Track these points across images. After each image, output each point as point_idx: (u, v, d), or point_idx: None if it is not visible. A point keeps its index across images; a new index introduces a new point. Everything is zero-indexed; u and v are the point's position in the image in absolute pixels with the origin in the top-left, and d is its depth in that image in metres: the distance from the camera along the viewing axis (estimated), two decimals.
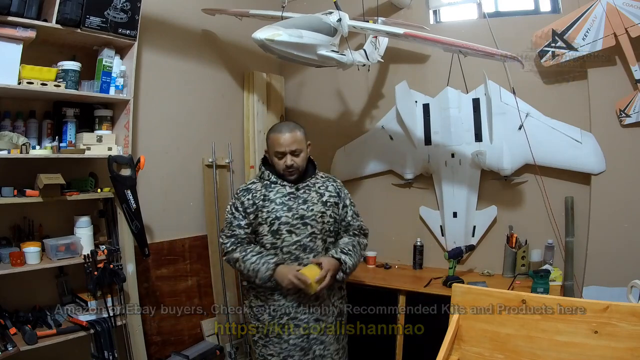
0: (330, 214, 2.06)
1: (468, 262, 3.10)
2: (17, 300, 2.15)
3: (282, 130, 2.01)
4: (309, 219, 1.99)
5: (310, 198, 2.03)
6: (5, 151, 1.95)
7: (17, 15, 1.93)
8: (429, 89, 3.11)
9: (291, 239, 1.98)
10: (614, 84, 2.62)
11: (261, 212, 1.99)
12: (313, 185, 2.08)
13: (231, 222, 2.03)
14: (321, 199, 2.05)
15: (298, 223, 1.98)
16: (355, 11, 2.79)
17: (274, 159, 2.02)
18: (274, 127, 2.07)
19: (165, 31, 2.80)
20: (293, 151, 1.99)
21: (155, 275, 2.76)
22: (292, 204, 2.00)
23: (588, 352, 1.21)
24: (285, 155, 1.99)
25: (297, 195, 2.02)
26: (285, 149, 1.98)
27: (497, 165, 2.86)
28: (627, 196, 2.64)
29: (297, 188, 2.04)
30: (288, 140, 1.98)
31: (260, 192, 2.02)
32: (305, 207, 2.00)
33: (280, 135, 1.99)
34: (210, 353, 2.84)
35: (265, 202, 2.00)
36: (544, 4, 2.95)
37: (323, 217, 2.03)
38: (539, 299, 1.31)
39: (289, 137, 1.99)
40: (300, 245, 1.98)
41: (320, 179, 2.12)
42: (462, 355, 1.39)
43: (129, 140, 2.37)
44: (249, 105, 3.34)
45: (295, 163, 2.00)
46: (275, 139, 2.00)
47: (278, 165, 2.01)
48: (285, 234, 1.98)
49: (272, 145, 2.02)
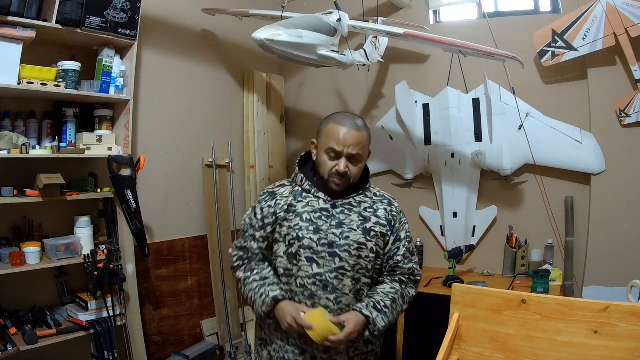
0: (371, 248, 1.56)
1: (468, 262, 3.10)
2: (17, 300, 2.15)
3: (346, 123, 1.53)
4: (339, 248, 1.51)
5: (349, 221, 1.54)
6: (5, 151, 1.95)
7: (17, 15, 1.93)
8: (429, 89, 3.11)
9: (310, 269, 1.51)
10: (614, 84, 2.62)
11: (281, 226, 1.56)
12: (358, 205, 1.58)
13: (245, 231, 1.63)
14: (364, 224, 1.56)
15: (324, 251, 1.51)
16: (355, 11, 2.79)
17: (324, 156, 1.54)
18: (335, 117, 1.58)
19: (165, 31, 2.80)
20: (353, 156, 1.52)
21: (155, 275, 2.76)
22: (321, 224, 1.53)
23: (588, 352, 1.21)
24: (341, 158, 1.52)
25: (331, 213, 1.55)
26: (343, 149, 1.51)
27: (497, 165, 2.86)
28: (627, 196, 2.64)
29: (334, 204, 1.56)
30: (352, 139, 1.51)
31: (286, 200, 1.58)
32: (339, 233, 1.52)
33: (342, 128, 1.51)
34: (210, 353, 2.84)
35: (290, 214, 1.55)
36: (544, 4, 2.96)
37: (360, 251, 1.54)
38: (539, 299, 1.31)
39: (354, 135, 1.51)
40: (321, 280, 1.51)
41: (369, 198, 1.62)
42: (462, 355, 1.39)
43: (129, 140, 2.37)
44: (249, 105, 3.34)
45: (350, 172, 1.53)
46: (335, 131, 1.52)
47: (325, 166, 1.54)
48: (304, 261, 1.52)
49: (328, 138, 1.53)
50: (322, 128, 1.58)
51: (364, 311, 1.49)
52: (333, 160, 1.53)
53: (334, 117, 1.58)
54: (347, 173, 1.52)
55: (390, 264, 1.61)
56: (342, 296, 1.53)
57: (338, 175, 1.52)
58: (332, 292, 1.51)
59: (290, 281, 1.55)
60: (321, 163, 1.55)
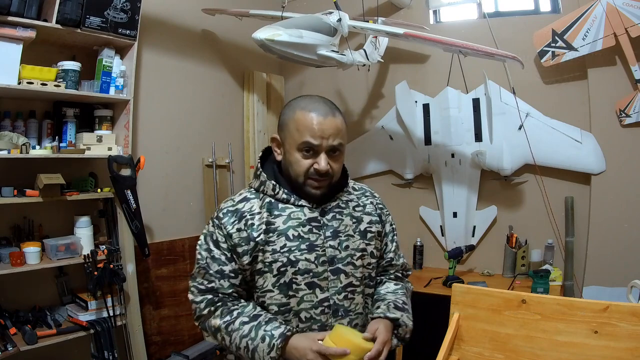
0: (372, 252, 1.32)
1: (468, 262, 3.10)
2: (17, 300, 2.15)
3: (318, 109, 1.21)
4: (342, 262, 1.24)
5: (344, 227, 1.27)
6: (5, 151, 1.95)
7: (17, 15, 1.93)
8: (429, 89, 3.11)
9: (314, 297, 1.22)
10: (614, 84, 2.63)
11: (263, 252, 1.22)
12: (346, 205, 1.31)
13: (207, 268, 1.24)
14: (359, 226, 1.30)
15: (325, 271, 1.23)
16: (355, 11, 2.79)
17: (295, 154, 1.22)
18: (300, 103, 1.25)
19: (165, 31, 2.80)
20: (334, 148, 1.22)
21: (155, 275, 2.76)
22: (314, 238, 1.23)
23: (588, 352, 1.21)
24: (320, 153, 1.20)
25: (322, 222, 1.25)
26: (321, 142, 1.19)
27: (497, 165, 2.86)
28: (627, 196, 2.64)
29: (322, 211, 1.27)
30: (330, 128, 1.19)
31: (260, 218, 1.23)
32: (337, 244, 1.25)
33: (315, 116, 1.20)
34: (210, 353, 2.83)
35: (270, 234, 1.22)
36: (544, 4, 2.96)
37: (363, 259, 1.28)
38: (539, 299, 1.30)
39: (332, 122, 1.20)
40: (329, 306, 1.23)
41: (354, 193, 1.37)
42: (462, 355, 1.39)
43: (129, 140, 2.37)
44: (249, 105, 3.34)
45: (332, 169, 1.23)
46: (307, 121, 1.20)
47: (298, 166, 1.22)
48: (304, 289, 1.22)
49: (299, 131, 1.20)
50: (286, 119, 1.24)
51: (388, 315, 1.26)
52: (309, 158, 1.21)
53: (299, 103, 1.24)
54: (329, 171, 1.22)
55: (383, 263, 1.40)
56: (355, 317, 1.27)
57: (320, 176, 1.21)
58: (344, 316, 1.25)
59: (290, 317, 1.22)
60: (292, 163, 1.23)
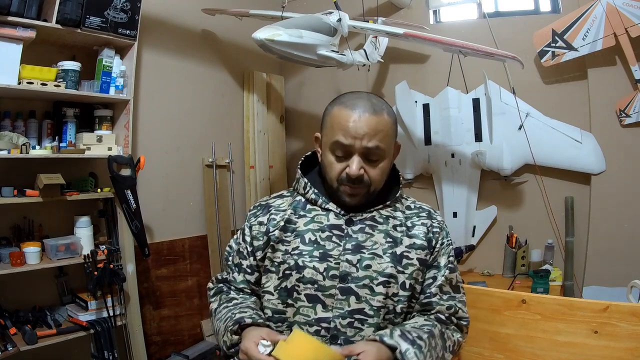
0: (403, 282, 1.07)
1: (468, 262, 3.10)
2: (17, 300, 2.15)
3: (357, 105, 1.05)
4: (356, 283, 1.04)
5: (371, 244, 1.07)
6: (5, 151, 1.95)
7: (17, 15, 1.93)
8: (429, 89, 3.11)
9: (312, 312, 1.04)
10: (614, 84, 2.63)
11: (274, 250, 1.11)
12: (384, 222, 1.11)
13: (228, 260, 1.20)
14: (393, 249, 1.07)
15: (333, 287, 1.04)
16: (355, 11, 2.79)
17: (329, 156, 1.08)
18: (343, 98, 1.11)
19: (165, 31, 2.80)
20: (369, 150, 1.04)
21: (155, 275, 2.76)
22: (331, 247, 1.07)
23: (588, 352, 1.21)
24: (352, 156, 1.05)
25: (346, 232, 1.08)
26: (354, 142, 1.04)
27: (497, 165, 2.86)
28: (627, 196, 2.64)
29: (349, 220, 1.10)
30: (366, 127, 1.04)
31: (283, 215, 1.13)
32: (356, 260, 1.05)
33: (352, 113, 1.05)
34: (210, 353, 2.84)
35: (287, 233, 1.10)
36: (544, 4, 2.96)
37: (388, 287, 1.05)
38: (539, 299, 1.31)
39: (370, 120, 1.04)
40: (328, 329, 1.03)
41: (401, 212, 1.15)
42: (462, 355, 1.39)
43: (129, 140, 2.37)
44: (249, 105, 3.34)
45: (368, 175, 1.06)
46: (342, 118, 1.05)
47: (331, 169, 1.08)
48: (303, 300, 1.05)
49: (333, 128, 1.07)
50: (326, 114, 1.12)
51: (386, 340, 0.96)
52: (342, 161, 1.06)
53: (342, 98, 1.10)
54: (362, 177, 1.05)
55: (421, 299, 1.09)
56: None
57: (350, 181, 1.05)
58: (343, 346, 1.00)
59: (282, 328, 1.07)
60: (326, 165, 1.09)
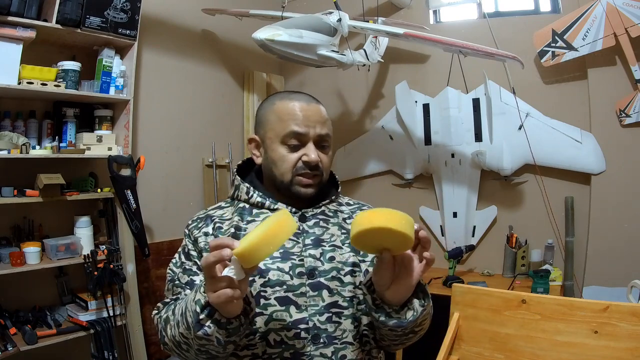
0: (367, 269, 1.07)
1: (468, 262, 3.10)
2: (17, 300, 2.15)
3: (300, 98, 1.07)
4: (324, 276, 1.01)
5: (328, 236, 1.06)
6: (5, 151, 1.95)
7: (17, 15, 1.93)
8: (429, 89, 3.11)
9: (287, 316, 0.98)
10: (614, 84, 2.63)
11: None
12: (334, 215, 1.10)
13: (175, 281, 1.06)
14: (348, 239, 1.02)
15: (302, 284, 1.00)
16: (355, 11, 2.79)
17: (279, 149, 1.05)
18: (278, 95, 1.12)
19: (165, 31, 2.80)
20: (322, 137, 1.05)
21: (155, 275, 2.76)
22: (291, 245, 1.03)
23: (588, 352, 1.21)
24: (307, 143, 1.04)
25: (302, 229, 1.05)
26: (308, 130, 1.03)
27: (497, 165, 2.86)
28: (627, 196, 2.64)
29: (302, 215, 1.07)
30: (316, 115, 1.05)
31: (230, 223, 1.05)
32: (318, 254, 1.03)
33: (297, 103, 1.05)
34: None
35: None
36: (544, 4, 2.96)
37: (354, 275, 1.04)
38: (539, 299, 1.30)
39: (316, 109, 1.06)
40: (307, 329, 0.98)
41: (346, 207, 1.16)
42: (462, 355, 1.39)
43: (129, 140, 2.37)
44: (249, 105, 3.34)
45: (323, 162, 1.06)
46: (289, 109, 1.05)
47: (284, 162, 1.04)
48: (274, 305, 0.98)
49: (281, 120, 1.05)
50: (264, 113, 1.10)
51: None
52: (295, 151, 1.04)
53: (276, 96, 1.11)
54: (318, 164, 1.04)
55: None
56: (343, 348, 0.99)
57: (309, 168, 1.03)
58: (327, 345, 0.98)
59: (255, 341, 0.97)
60: (276, 160, 1.05)
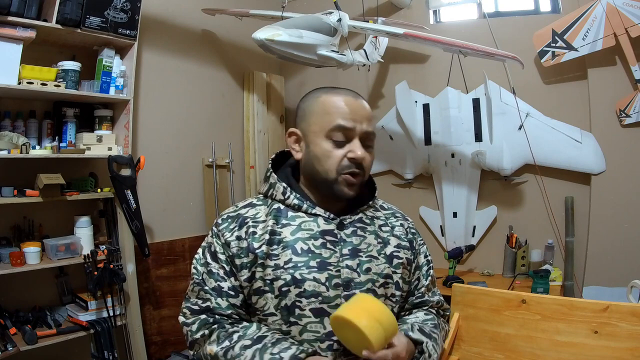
0: (397, 282, 1.06)
1: (468, 262, 3.10)
2: (17, 300, 2.15)
3: (347, 93, 1.03)
4: (360, 288, 1.00)
5: (365, 246, 1.04)
6: (5, 151, 1.95)
7: (17, 15, 1.93)
8: (429, 89, 3.11)
9: (321, 327, 0.98)
10: (614, 84, 2.63)
11: (264, 267, 1.00)
12: (371, 222, 1.08)
13: (202, 285, 1.03)
14: (384, 249, 1.06)
15: (338, 296, 0.99)
16: (355, 11, 2.79)
17: (323, 144, 1.00)
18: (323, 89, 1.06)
19: (165, 31, 2.80)
20: (367, 135, 1.02)
21: (155, 275, 2.76)
22: (328, 255, 1.00)
23: (588, 352, 1.21)
24: (353, 140, 1.00)
25: (339, 237, 1.02)
26: (355, 125, 1.00)
27: (497, 165, 2.86)
28: (627, 196, 2.64)
29: (340, 223, 1.04)
30: (363, 110, 1.02)
31: (265, 227, 1.02)
32: (355, 265, 1.01)
33: (345, 97, 1.02)
34: None
35: (275, 246, 1.00)
36: (544, 4, 2.96)
37: (386, 288, 1.04)
38: (539, 299, 1.31)
39: (363, 105, 1.03)
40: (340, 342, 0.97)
41: (382, 212, 1.14)
42: (462, 355, 1.39)
43: (129, 140, 2.37)
44: (249, 105, 3.34)
45: (366, 160, 1.02)
46: (336, 103, 1.01)
47: (328, 158, 1.00)
48: (308, 316, 0.98)
49: (328, 114, 1.01)
50: (308, 106, 1.05)
51: (410, 334, 1.00)
52: (341, 148, 0.99)
53: (321, 90, 1.06)
54: (364, 161, 1.00)
55: (413, 300, 1.12)
56: None
57: (355, 166, 0.99)
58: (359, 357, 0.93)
59: None
60: (320, 156, 1.00)
